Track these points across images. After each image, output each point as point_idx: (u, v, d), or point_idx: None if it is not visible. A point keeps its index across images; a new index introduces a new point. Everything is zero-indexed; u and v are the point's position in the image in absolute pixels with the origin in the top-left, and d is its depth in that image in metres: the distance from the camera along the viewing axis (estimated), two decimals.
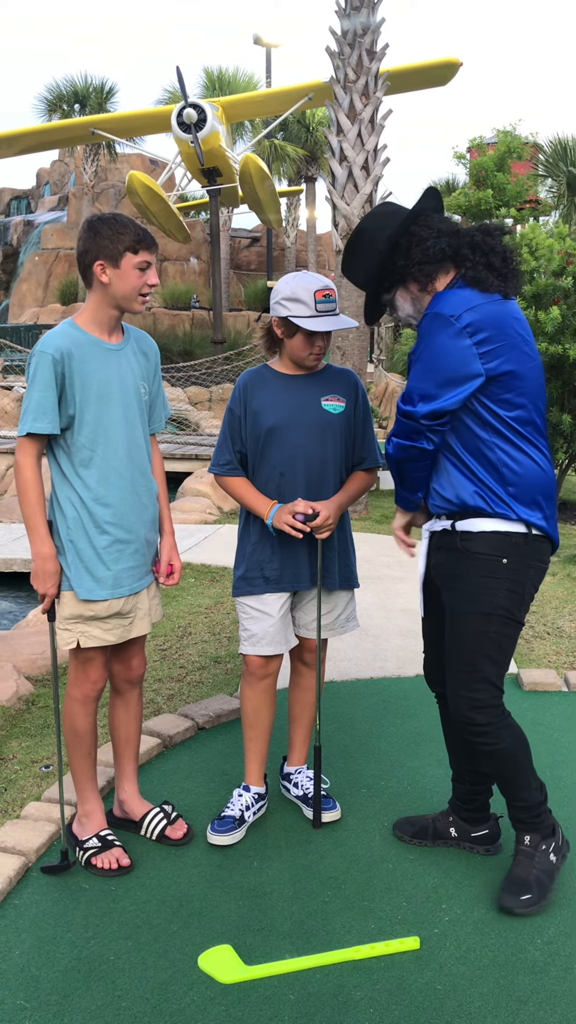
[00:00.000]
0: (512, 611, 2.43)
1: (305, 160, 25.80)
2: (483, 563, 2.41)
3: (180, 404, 15.02)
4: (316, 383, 2.77)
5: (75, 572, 2.53)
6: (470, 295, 2.33)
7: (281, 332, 2.72)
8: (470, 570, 2.42)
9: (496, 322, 2.32)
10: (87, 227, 2.49)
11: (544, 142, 18.22)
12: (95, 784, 2.75)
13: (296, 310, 2.63)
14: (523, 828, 2.56)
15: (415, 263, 2.40)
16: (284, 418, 2.72)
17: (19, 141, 19.28)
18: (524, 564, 2.42)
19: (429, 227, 2.41)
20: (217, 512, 8.24)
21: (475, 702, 2.42)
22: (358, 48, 7.51)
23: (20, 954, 2.31)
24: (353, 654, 4.47)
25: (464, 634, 2.44)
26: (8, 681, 3.89)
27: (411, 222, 2.43)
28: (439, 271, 2.42)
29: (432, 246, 2.38)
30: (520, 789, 2.51)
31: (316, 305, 2.62)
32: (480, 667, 2.42)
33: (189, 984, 2.21)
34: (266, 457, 2.75)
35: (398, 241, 2.43)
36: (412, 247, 2.40)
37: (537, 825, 2.55)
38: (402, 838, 2.83)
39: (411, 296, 2.47)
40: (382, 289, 2.51)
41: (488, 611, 2.41)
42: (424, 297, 2.45)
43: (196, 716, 3.62)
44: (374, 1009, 2.13)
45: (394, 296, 2.50)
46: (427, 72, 17.20)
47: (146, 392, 2.67)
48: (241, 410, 2.77)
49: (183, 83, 16.83)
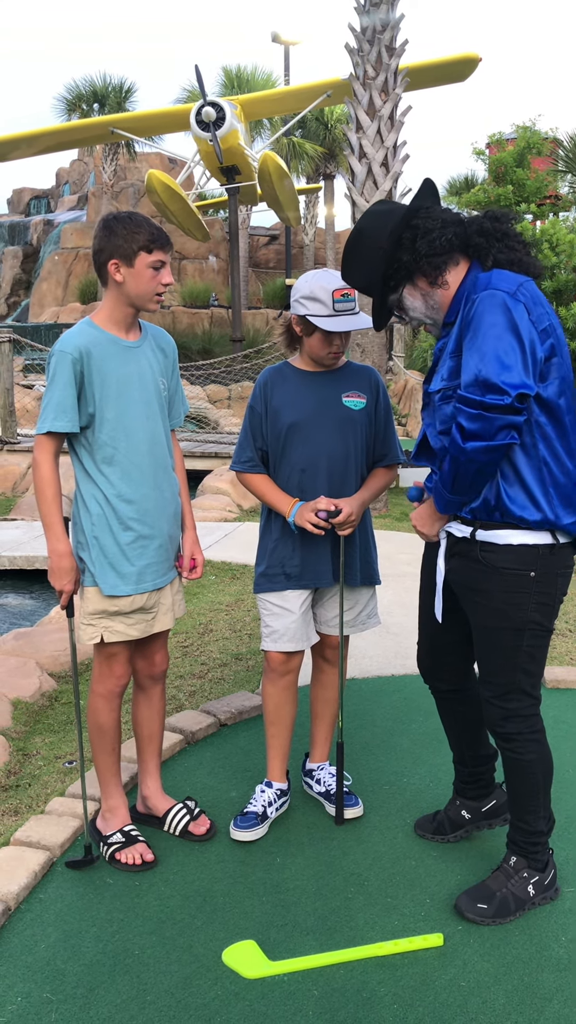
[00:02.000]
0: (543, 623, 2.34)
1: (323, 157, 25.76)
2: (510, 578, 2.28)
3: (199, 402, 15.04)
4: (337, 380, 2.77)
5: (99, 568, 2.55)
6: (511, 275, 2.20)
7: (300, 330, 2.72)
8: (497, 585, 2.30)
9: (543, 301, 2.20)
10: (102, 226, 2.51)
11: (564, 137, 18.08)
12: (119, 780, 2.77)
13: (314, 309, 2.63)
14: (513, 850, 2.50)
15: (422, 256, 2.27)
16: (306, 415, 2.72)
17: (39, 141, 19.37)
18: (553, 574, 2.31)
19: (432, 218, 2.29)
20: (237, 510, 8.25)
21: (507, 712, 2.37)
22: (377, 44, 7.49)
23: (46, 947, 2.32)
24: (374, 651, 4.47)
25: (495, 649, 2.35)
26: (31, 678, 3.91)
27: (412, 215, 2.31)
28: (448, 263, 2.29)
29: (438, 237, 2.26)
30: (527, 811, 2.44)
31: (334, 304, 2.62)
32: (515, 679, 2.35)
33: (213, 979, 2.22)
34: (287, 454, 2.75)
35: (401, 236, 2.30)
36: (417, 240, 2.27)
37: (528, 852, 2.48)
38: (425, 836, 2.83)
39: (421, 293, 2.35)
40: (388, 289, 2.37)
41: (519, 626, 2.31)
42: (435, 292, 2.33)
43: (218, 712, 3.63)
44: (398, 1005, 2.13)
45: (402, 295, 2.37)
46: (446, 68, 17.12)
47: (165, 388, 2.68)
48: (262, 407, 2.77)
49: (202, 81, 16.84)
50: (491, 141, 16.63)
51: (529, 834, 2.46)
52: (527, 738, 2.39)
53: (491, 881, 2.48)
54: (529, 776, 2.41)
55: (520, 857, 2.48)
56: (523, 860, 2.48)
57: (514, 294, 2.15)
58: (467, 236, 2.29)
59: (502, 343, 2.11)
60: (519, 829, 2.47)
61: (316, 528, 2.66)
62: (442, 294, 2.33)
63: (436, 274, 2.30)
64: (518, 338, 2.12)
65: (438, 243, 2.26)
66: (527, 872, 2.47)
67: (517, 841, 2.49)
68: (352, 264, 2.43)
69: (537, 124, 18.31)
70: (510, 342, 2.11)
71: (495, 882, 2.47)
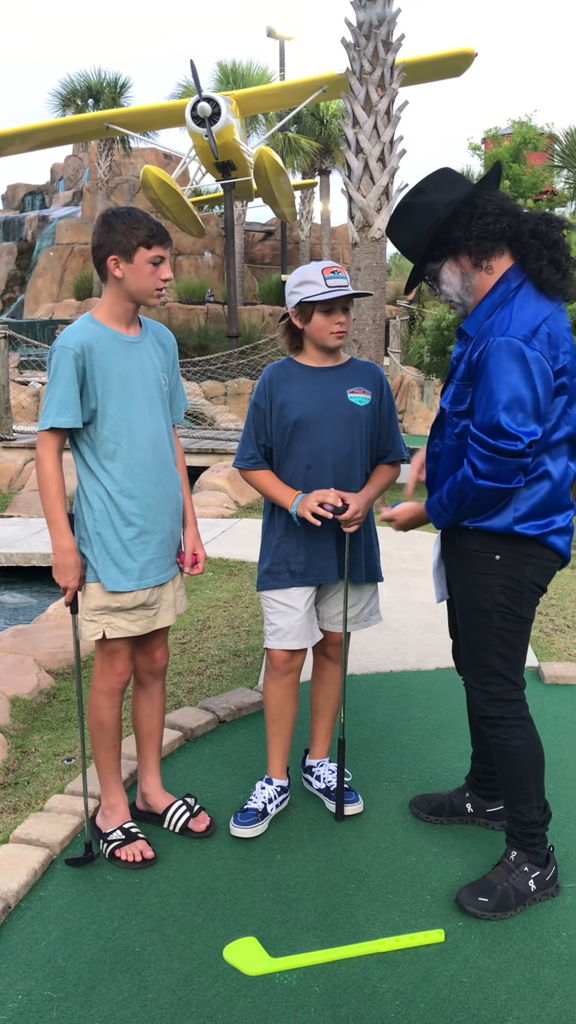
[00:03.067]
0: (511, 607, 2.38)
1: (319, 153, 25.70)
2: (477, 560, 2.38)
3: (196, 398, 15.02)
4: (341, 376, 2.77)
5: (102, 564, 2.54)
6: (536, 308, 2.23)
7: (300, 321, 2.71)
8: (465, 567, 2.41)
9: (560, 340, 2.24)
10: (101, 221, 2.50)
11: (560, 133, 18.07)
12: (119, 777, 2.76)
13: (308, 290, 2.64)
14: (513, 843, 2.52)
15: (473, 236, 2.27)
16: (311, 411, 2.71)
17: (33, 136, 19.31)
18: (519, 559, 2.35)
19: (493, 202, 2.28)
20: (234, 506, 8.25)
21: (487, 695, 2.43)
22: (374, 39, 7.47)
23: (46, 945, 2.32)
24: (373, 647, 4.46)
25: (470, 629, 2.44)
26: (29, 675, 3.91)
27: (478, 193, 2.30)
28: (495, 251, 2.30)
29: (493, 223, 2.26)
30: (519, 799, 2.46)
31: (326, 281, 2.62)
32: (489, 661, 2.41)
33: (214, 976, 2.21)
34: (292, 450, 2.74)
35: (459, 209, 2.29)
36: (473, 219, 2.27)
37: (527, 845, 2.49)
38: (419, 815, 2.87)
39: (460, 271, 2.35)
40: (430, 257, 2.37)
41: (487, 608, 2.38)
42: (475, 275, 2.33)
43: (217, 709, 3.63)
44: (400, 1001, 2.13)
45: (442, 268, 2.37)
46: (442, 63, 17.11)
47: (166, 383, 2.67)
48: (266, 404, 2.76)
49: (197, 77, 16.80)
50: (487, 136, 16.61)
51: (524, 824, 2.47)
52: (511, 723, 2.42)
53: (492, 876, 2.48)
54: (517, 762, 2.43)
55: (520, 851, 2.49)
56: (523, 855, 2.49)
57: (530, 342, 2.18)
58: (519, 232, 2.30)
59: (517, 392, 2.17)
60: (514, 820, 2.49)
61: (316, 519, 2.64)
62: (481, 278, 2.34)
63: (481, 257, 2.31)
64: (532, 388, 2.17)
65: (491, 228, 2.27)
66: (528, 867, 2.48)
67: (515, 834, 2.50)
68: (402, 223, 2.41)
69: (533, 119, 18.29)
70: (524, 392, 2.17)
71: (496, 876, 2.48)
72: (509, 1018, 2.08)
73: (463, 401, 2.30)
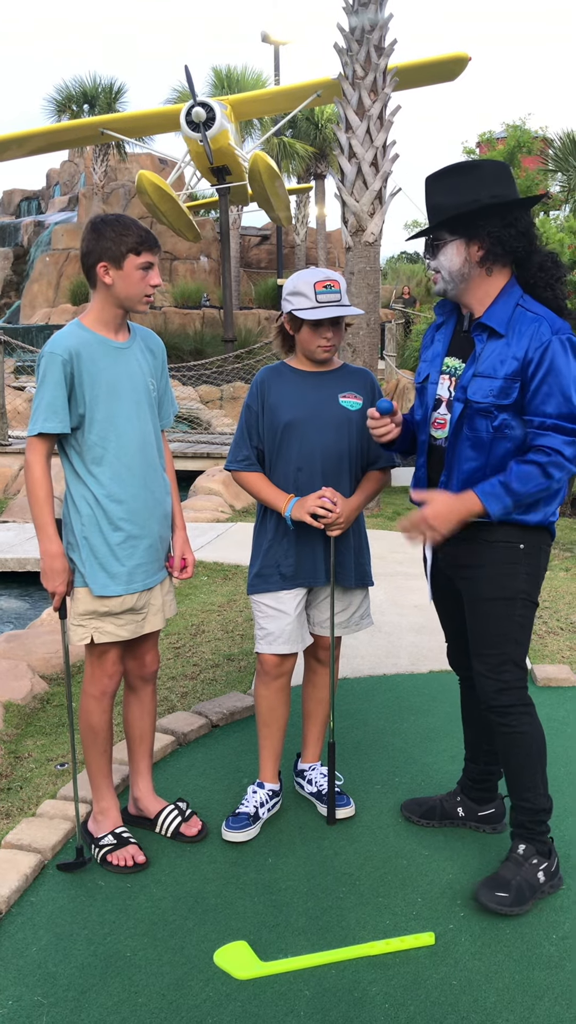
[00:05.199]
0: (531, 593, 2.49)
1: (314, 157, 25.75)
2: (502, 550, 2.44)
3: (191, 403, 15.03)
4: (334, 380, 2.78)
5: (89, 568, 2.55)
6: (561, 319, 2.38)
7: (291, 328, 2.73)
8: (489, 558, 2.45)
9: None
10: (90, 228, 2.51)
11: (554, 136, 18.12)
12: (111, 781, 2.77)
13: (298, 303, 2.65)
14: (521, 836, 2.55)
15: (495, 236, 2.34)
16: (302, 414, 2.72)
17: (29, 142, 19.33)
18: (537, 548, 2.47)
19: (524, 222, 2.36)
20: (229, 510, 8.25)
21: (502, 684, 2.46)
22: (366, 44, 7.50)
23: (37, 951, 2.32)
24: (366, 651, 4.47)
25: (489, 620, 2.47)
26: (23, 680, 3.91)
27: (523, 207, 2.37)
28: (500, 262, 2.39)
29: (514, 239, 2.35)
30: (528, 787, 2.50)
31: (316, 296, 2.63)
32: (506, 650, 2.46)
33: (205, 980, 2.22)
34: (283, 453, 2.75)
35: (503, 208, 2.34)
36: (507, 225, 2.34)
37: (535, 836, 2.53)
38: (410, 819, 2.88)
39: (464, 257, 2.38)
40: (448, 227, 2.39)
41: (511, 596, 2.45)
42: (475, 269, 2.38)
43: (210, 714, 3.63)
44: (389, 1004, 2.13)
45: (451, 243, 2.40)
46: (436, 67, 17.14)
47: (155, 389, 2.68)
48: (259, 406, 2.77)
49: (191, 82, 16.84)
50: (482, 140, 16.63)
51: (534, 813, 2.52)
52: (520, 711, 2.47)
53: (504, 871, 2.51)
54: (526, 748, 2.49)
55: (528, 844, 2.54)
56: (531, 847, 2.53)
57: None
58: (529, 261, 2.41)
59: None
60: (523, 809, 2.53)
61: (314, 520, 2.65)
62: (479, 275, 2.40)
63: (489, 260, 2.38)
64: None
65: (510, 243, 2.36)
66: (536, 859, 2.52)
67: (524, 824, 2.54)
68: (454, 178, 2.41)
69: (527, 123, 18.35)
70: None
71: (508, 871, 2.51)
72: (499, 1020, 2.09)
73: (508, 395, 2.35)
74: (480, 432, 2.39)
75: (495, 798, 2.86)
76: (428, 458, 2.56)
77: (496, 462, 2.40)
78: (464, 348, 2.49)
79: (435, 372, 2.54)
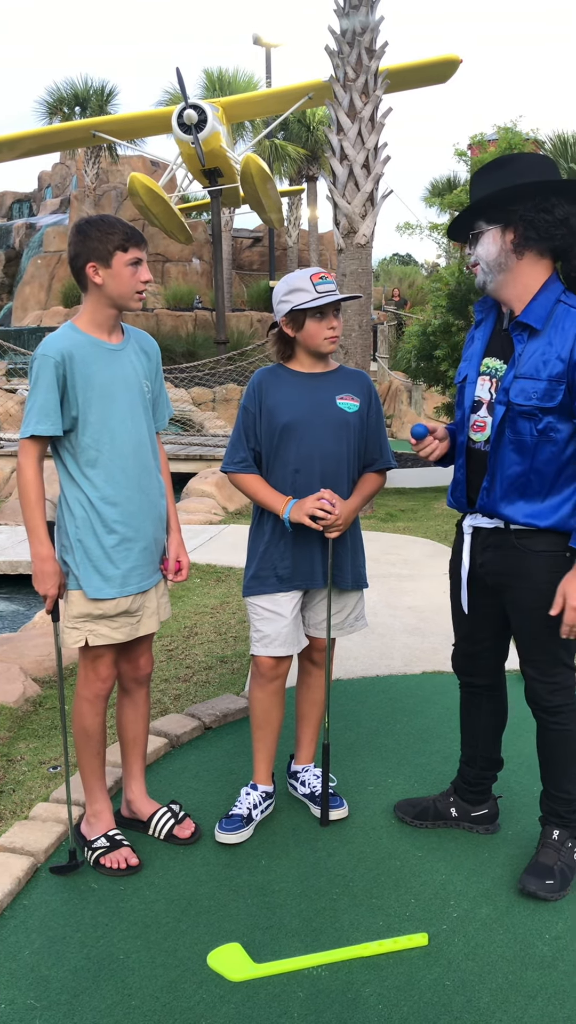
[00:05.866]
0: None
1: (306, 159, 25.77)
2: (547, 559, 2.43)
3: (184, 405, 15.03)
4: (331, 382, 2.78)
5: (84, 571, 2.54)
6: None
7: (292, 330, 2.72)
8: (536, 567, 2.44)
9: None
10: (76, 231, 2.52)
11: (545, 138, 18.18)
12: (104, 784, 2.76)
13: (298, 298, 2.65)
14: (556, 823, 2.61)
15: (531, 222, 2.31)
16: (300, 415, 2.72)
17: (20, 144, 19.31)
18: None
19: (562, 209, 2.31)
20: (222, 512, 8.25)
21: (554, 686, 2.51)
22: (357, 47, 7.51)
23: (30, 954, 2.31)
24: (360, 652, 4.47)
25: (541, 628, 2.47)
26: (15, 683, 3.90)
27: (561, 190, 2.31)
28: (536, 250, 2.35)
29: (551, 225, 2.31)
30: (569, 780, 2.57)
31: (315, 287, 2.65)
32: (558, 654, 2.50)
33: (198, 982, 2.21)
34: (281, 455, 2.75)
35: (538, 193, 2.31)
36: (541, 210, 2.31)
37: (570, 822, 2.61)
38: (404, 819, 2.89)
39: (501, 246, 2.37)
40: (485, 215, 2.39)
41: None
42: (511, 257, 2.36)
43: (203, 716, 3.63)
44: (383, 1006, 2.13)
45: (488, 232, 2.38)
46: (427, 70, 17.17)
47: (149, 391, 2.68)
48: (256, 407, 2.77)
49: (183, 84, 16.84)
50: (473, 142, 16.69)
51: (569, 803, 2.58)
52: (571, 708, 2.53)
53: (543, 858, 2.56)
54: (571, 745, 2.54)
55: (562, 829, 2.60)
56: (565, 831, 2.60)
57: None
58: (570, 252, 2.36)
59: None
60: (560, 800, 2.58)
61: (313, 522, 2.65)
62: (517, 265, 2.36)
63: (523, 246, 2.35)
64: None
65: (549, 231, 2.32)
66: (571, 842, 2.59)
67: (560, 813, 2.60)
68: (490, 175, 2.40)
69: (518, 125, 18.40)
70: None
71: (547, 858, 2.56)
72: (492, 1020, 2.09)
73: (553, 398, 2.33)
74: (523, 435, 2.37)
75: (489, 799, 2.87)
76: (467, 460, 2.53)
77: (540, 466, 2.38)
78: (504, 348, 2.45)
79: (473, 372, 2.52)
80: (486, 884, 2.59)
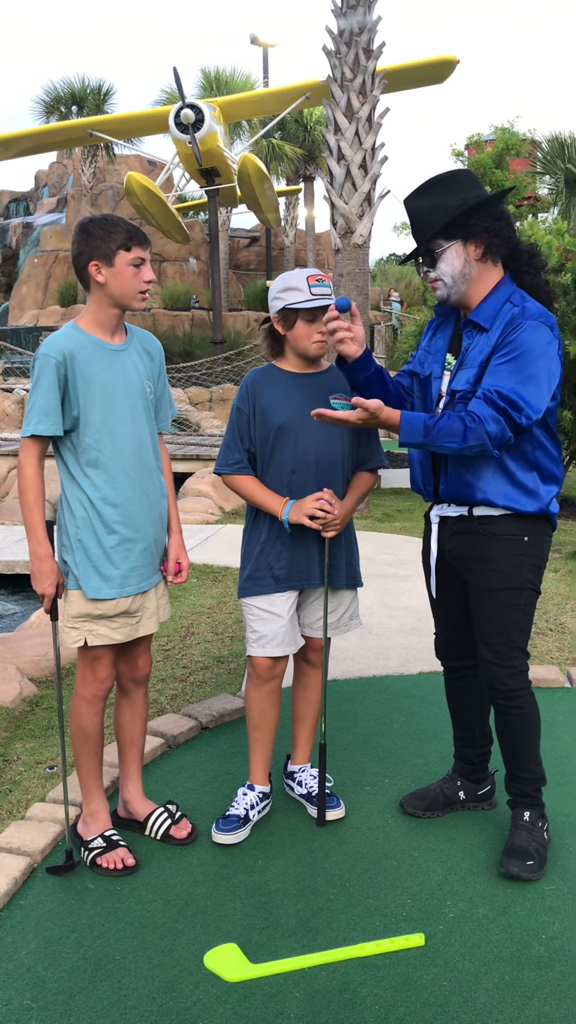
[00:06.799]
0: (535, 583, 2.61)
1: (303, 159, 25.79)
2: (507, 542, 2.55)
3: (181, 405, 15.03)
4: (324, 382, 2.78)
5: (83, 571, 2.54)
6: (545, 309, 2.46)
7: (282, 328, 2.72)
8: (496, 550, 2.56)
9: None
10: (79, 230, 2.51)
11: (542, 139, 18.19)
12: (101, 784, 2.76)
13: (292, 297, 2.65)
14: (524, 804, 2.70)
15: (491, 230, 2.46)
16: (295, 416, 2.72)
17: (17, 143, 19.29)
18: (540, 539, 2.59)
19: (507, 213, 2.49)
20: (219, 512, 8.25)
21: (511, 670, 2.59)
22: (355, 47, 7.51)
23: (26, 954, 2.31)
24: (356, 652, 4.47)
25: (497, 609, 2.58)
26: (11, 683, 3.89)
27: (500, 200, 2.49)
28: (495, 255, 2.50)
29: (508, 231, 2.48)
30: (532, 761, 2.66)
31: (311, 289, 2.64)
32: (513, 637, 2.58)
33: (195, 983, 2.21)
34: (276, 456, 2.75)
35: (492, 204, 2.46)
36: (499, 218, 2.46)
37: (537, 802, 2.70)
38: (415, 814, 2.94)
39: (464, 258, 2.50)
40: (442, 234, 2.49)
41: (517, 586, 2.57)
42: (475, 266, 2.49)
43: (200, 716, 3.63)
44: (380, 1006, 2.13)
45: (448, 248, 2.50)
46: (424, 70, 17.20)
47: (151, 391, 2.68)
48: (249, 408, 2.77)
49: (180, 84, 16.85)
50: (470, 142, 16.68)
51: (536, 781, 2.69)
52: (527, 692, 2.61)
53: (518, 840, 2.64)
54: (531, 727, 2.64)
55: (531, 809, 2.70)
56: (535, 811, 2.70)
57: (553, 329, 2.44)
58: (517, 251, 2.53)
59: (539, 371, 2.40)
60: (526, 780, 2.68)
61: (312, 521, 2.66)
62: (479, 271, 2.51)
63: (489, 252, 2.49)
64: (549, 371, 2.41)
65: (505, 235, 2.49)
66: (540, 822, 2.69)
67: (527, 792, 2.69)
68: (432, 192, 2.52)
69: (515, 126, 18.39)
70: (545, 373, 2.40)
71: (522, 840, 2.64)
72: (489, 1020, 2.09)
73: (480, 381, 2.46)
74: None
75: (488, 775, 2.99)
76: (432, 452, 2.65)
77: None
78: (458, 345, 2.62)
79: (438, 367, 2.64)
80: (482, 884, 2.59)
